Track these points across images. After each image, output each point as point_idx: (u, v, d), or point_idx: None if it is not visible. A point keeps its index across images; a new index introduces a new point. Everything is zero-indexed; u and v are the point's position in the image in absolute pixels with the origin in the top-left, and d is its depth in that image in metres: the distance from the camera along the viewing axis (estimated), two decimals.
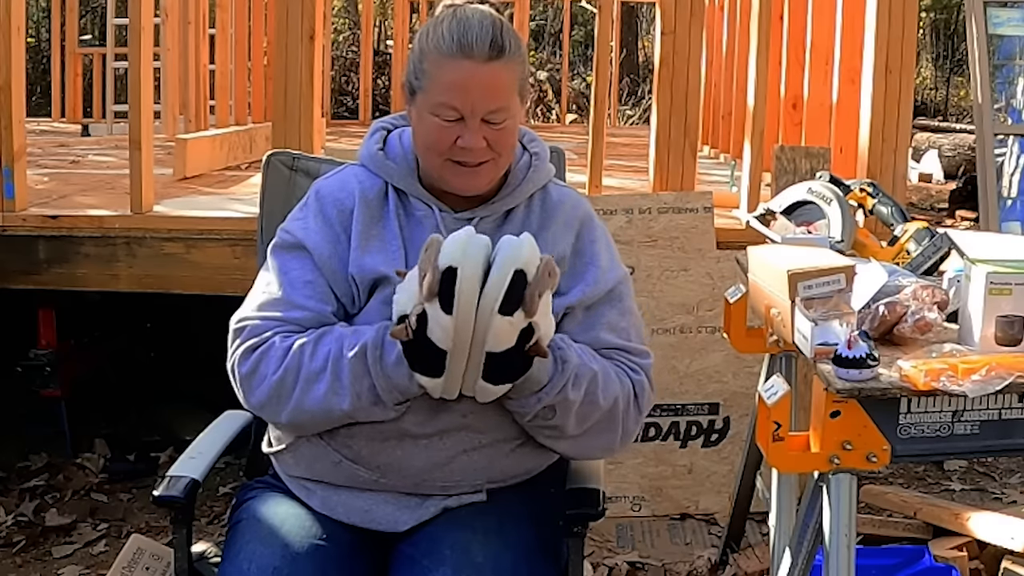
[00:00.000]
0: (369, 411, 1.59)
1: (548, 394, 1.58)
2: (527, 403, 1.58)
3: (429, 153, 1.67)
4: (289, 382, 1.59)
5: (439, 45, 1.63)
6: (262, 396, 1.61)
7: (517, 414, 1.61)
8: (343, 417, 1.60)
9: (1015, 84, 4.66)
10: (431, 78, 1.63)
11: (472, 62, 1.61)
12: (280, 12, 3.28)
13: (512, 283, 1.47)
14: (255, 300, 1.68)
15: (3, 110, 3.22)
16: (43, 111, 7.89)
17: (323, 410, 1.59)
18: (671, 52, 3.32)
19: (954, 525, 2.79)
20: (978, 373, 1.56)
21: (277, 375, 1.59)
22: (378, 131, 1.79)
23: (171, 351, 4.28)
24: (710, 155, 5.93)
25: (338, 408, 1.58)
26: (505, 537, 1.63)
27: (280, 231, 1.73)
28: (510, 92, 1.65)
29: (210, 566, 1.77)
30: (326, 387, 1.57)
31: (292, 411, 1.60)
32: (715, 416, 3.17)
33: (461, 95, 1.61)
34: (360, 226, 1.68)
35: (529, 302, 1.47)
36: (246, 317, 1.66)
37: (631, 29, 11.65)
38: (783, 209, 2.42)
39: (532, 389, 1.57)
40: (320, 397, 1.58)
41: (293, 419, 1.62)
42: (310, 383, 1.58)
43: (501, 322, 1.47)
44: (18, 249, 3.27)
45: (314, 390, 1.58)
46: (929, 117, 11.19)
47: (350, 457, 1.65)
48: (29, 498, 3.32)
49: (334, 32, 11.03)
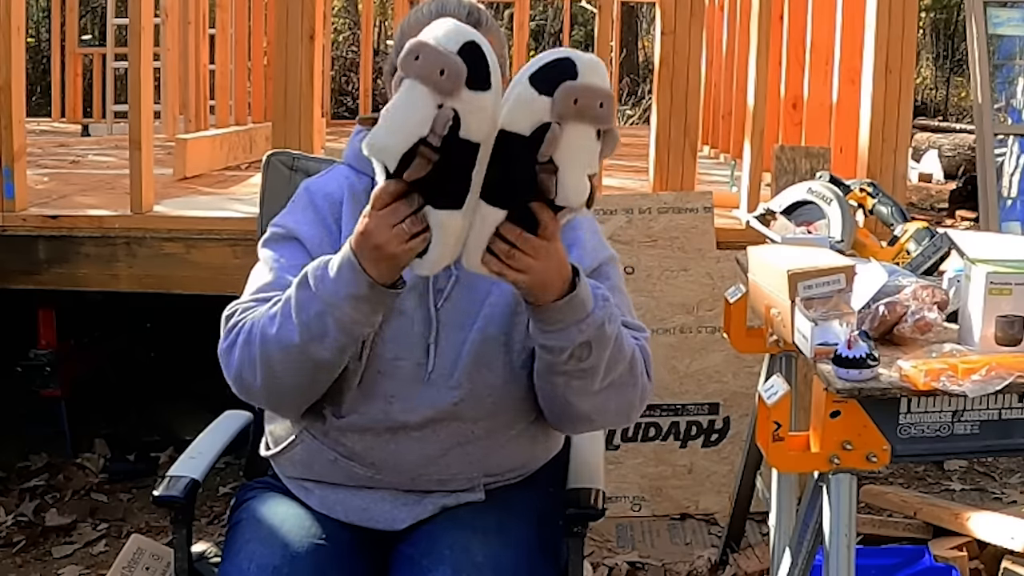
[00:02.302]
0: (323, 344, 1.50)
1: (591, 325, 1.49)
2: (569, 334, 1.49)
3: None
4: (254, 338, 1.54)
5: (419, 20, 1.63)
6: (236, 363, 1.57)
7: (553, 353, 1.52)
8: (303, 359, 1.51)
9: (1015, 84, 4.66)
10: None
11: None
12: (280, 12, 3.28)
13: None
14: (247, 290, 1.67)
15: (3, 110, 3.22)
16: (43, 111, 7.90)
17: (285, 352, 1.51)
18: (671, 52, 3.32)
19: (954, 525, 2.79)
20: (978, 373, 1.57)
21: (242, 336, 1.56)
22: (362, 130, 1.78)
23: (171, 351, 4.28)
24: (710, 155, 5.94)
25: (291, 343, 1.50)
26: (505, 536, 1.62)
27: (270, 226, 1.73)
28: None
29: (210, 566, 1.77)
30: (277, 327, 1.51)
31: (260, 369, 1.54)
32: (715, 416, 3.17)
33: None
34: (349, 217, 1.67)
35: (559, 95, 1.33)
36: (236, 303, 1.64)
37: (631, 29, 11.65)
38: (783, 209, 2.42)
39: (577, 316, 1.48)
40: (273, 337, 1.52)
41: (265, 380, 1.55)
42: (265, 330, 1.53)
43: (526, 91, 1.33)
44: (18, 249, 3.27)
45: (268, 335, 1.52)
46: (929, 117, 11.19)
47: (345, 454, 1.65)
48: (29, 498, 3.33)
49: (334, 32, 11.04)
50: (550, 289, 1.46)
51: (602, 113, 1.35)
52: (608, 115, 1.36)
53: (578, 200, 1.36)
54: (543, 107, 1.32)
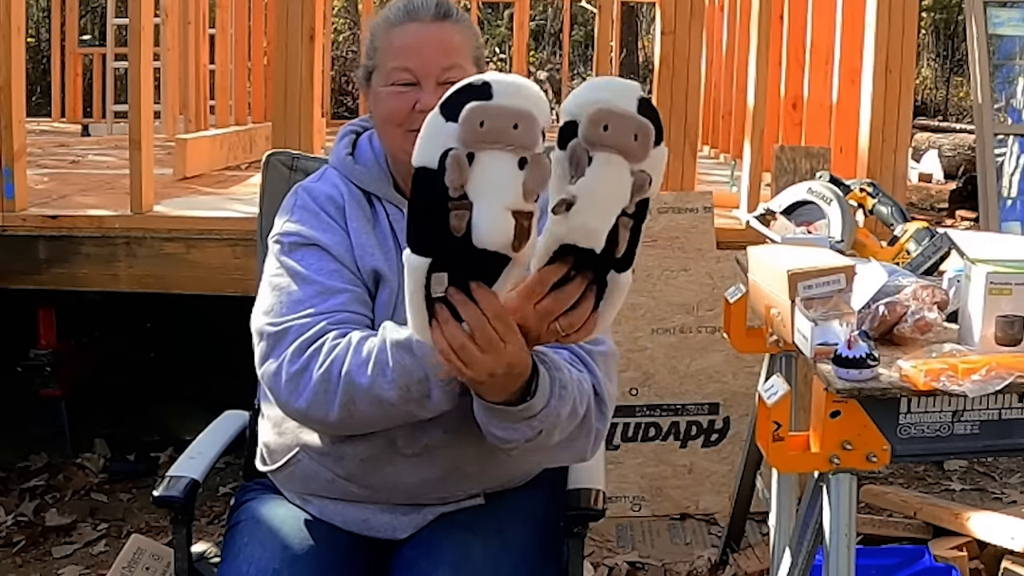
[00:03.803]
0: (423, 407, 1.46)
1: (545, 419, 1.40)
2: (517, 430, 1.40)
3: (388, 126, 1.63)
4: (334, 376, 1.47)
5: (387, 18, 1.64)
6: (309, 395, 1.49)
7: (497, 440, 1.43)
8: (396, 413, 1.47)
9: (1015, 84, 4.66)
10: (382, 50, 1.63)
11: (419, 23, 1.61)
12: (280, 12, 3.28)
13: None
14: (281, 302, 1.56)
15: (3, 110, 3.22)
16: (43, 111, 7.90)
17: (374, 405, 1.46)
18: (671, 52, 3.32)
19: (954, 525, 2.79)
20: (978, 373, 1.56)
21: (321, 370, 1.48)
22: (347, 135, 1.75)
23: (171, 351, 4.29)
24: (710, 155, 5.94)
25: (385, 400, 1.45)
26: (505, 538, 1.62)
27: (282, 236, 1.64)
28: (463, 52, 1.63)
29: (210, 566, 1.77)
30: (369, 381, 1.45)
31: (339, 410, 1.48)
32: (715, 416, 3.17)
33: (414, 55, 1.60)
34: (355, 223, 1.65)
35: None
36: (282, 320, 1.54)
37: (631, 29, 11.66)
38: (783, 209, 2.42)
39: (529, 413, 1.38)
40: (363, 389, 1.45)
41: (343, 417, 1.49)
42: (353, 375, 1.46)
43: (434, 119, 1.21)
44: (18, 249, 3.27)
45: (357, 385, 1.45)
46: (929, 117, 11.20)
47: (343, 476, 1.63)
48: (29, 498, 3.32)
49: (334, 32, 11.04)
50: (497, 392, 1.36)
51: (517, 136, 1.19)
52: (526, 139, 1.19)
53: (494, 240, 1.20)
54: (449, 134, 1.19)
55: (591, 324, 1.28)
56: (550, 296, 1.25)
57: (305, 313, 1.54)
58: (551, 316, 1.27)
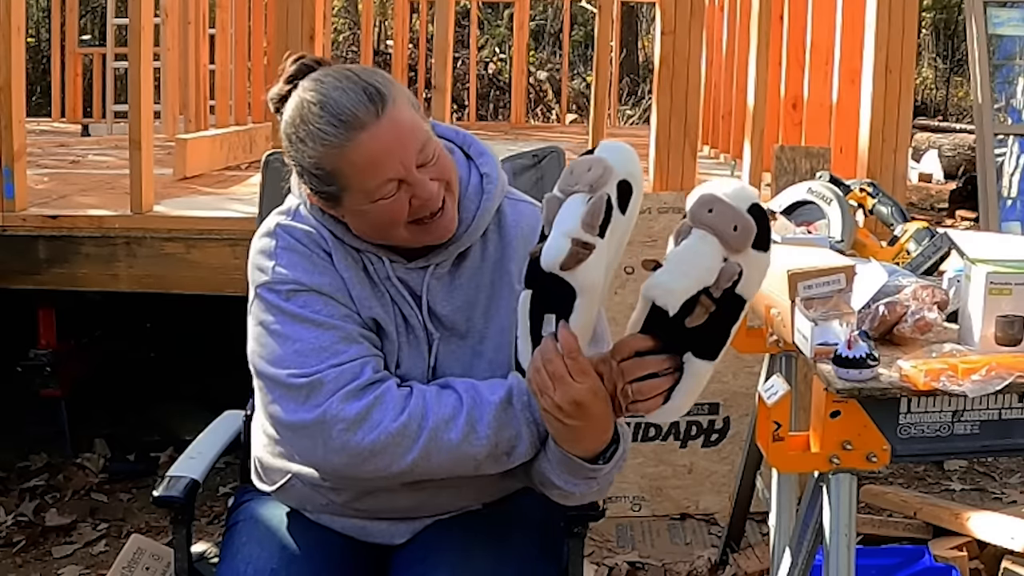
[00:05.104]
0: (499, 461, 1.51)
1: (603, 479, 1.52)
2: (579, 484, 1.51)
3: (391, 231, 1.53)
4: (413, 428, 1.47)
5: (325, 140, 1.47)
6: (376, 445, 1.46)
7: (556, 489, 1.53)
8: (473, 465, 1.50)
9: (1015, 84, 4.66)
10: (343, 174, 1.49)
11: (367, 131, 1.46)
12: (280, 12, 3.28)
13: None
14: (297, 351, 1.51)
15: (3, 110, 3.22)
16: (43, 111, 7.90)
17: (453, 459, 1.49)
18: (671, 52, 3.32)
19: (954, 525, 2.79)
20: (978, 373, 1.56)
21: (399, 422, 1.46)
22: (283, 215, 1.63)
23: (171, 351, 4.29)
24: (710, 155, 5.93)
25: (472, 458, 1.49)
26: (504, 539, 1.62)
27: (276, 284, 1.55)
28: (418, 123, 1.51)
29: (210, 566, 1.77)
30: (461, 436, 1.47)
31: (415, 460, 1.47)
32: (715, 416, 3.17)
33: (388, 163, 1.47)
34: (346, 272, 1.57)
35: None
36: (312, 371, 1.49)
37: (631, 29, 11.66)
38: (783, 209, 2.42)
39: (595, 473, 1.49)
40: (453, 445, 1.47)
41: (408, 470, 1.49)
42: (439, 431, 1.47)
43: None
44: (18, 249, 3.27)
45: (446, 441, 1.47)
46: (929, 117, 11.20)
47: (337, 501, 1.63)
48: (29, 498, 3.33)
49: (334, 32, 11.03)
50: (581, 445, 1.46)
51: (589, 177, 1.36)
52: (595, 181, 1.35)
53: (548, 259, 1.34)
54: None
55: (659, 400, 1.39)
56: (633, 359, 1.37)
57: (338, 361, 1.50)
58: (628, 377, 1.38)
